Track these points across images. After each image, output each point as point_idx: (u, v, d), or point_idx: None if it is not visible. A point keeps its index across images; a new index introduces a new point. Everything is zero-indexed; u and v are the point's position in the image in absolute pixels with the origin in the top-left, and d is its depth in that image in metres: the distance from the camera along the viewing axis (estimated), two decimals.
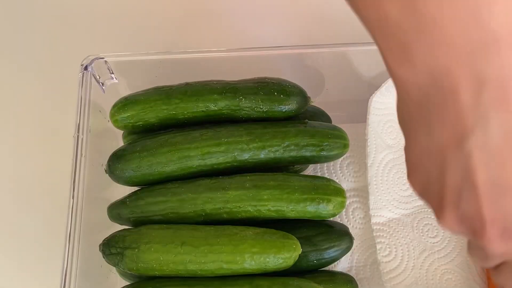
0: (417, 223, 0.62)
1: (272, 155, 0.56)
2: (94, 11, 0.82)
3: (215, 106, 0.57)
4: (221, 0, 0.82)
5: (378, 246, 0.60)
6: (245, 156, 0.55)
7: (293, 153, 0.56)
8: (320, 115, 0.65)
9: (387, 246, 0.61)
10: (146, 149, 0.56)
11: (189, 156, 0.55)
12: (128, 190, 0.59)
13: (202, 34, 0.79)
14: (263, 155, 0.56)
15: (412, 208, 0.63)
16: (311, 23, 0.79)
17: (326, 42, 0.63)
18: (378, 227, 0.61)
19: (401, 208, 0.62)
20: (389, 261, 0.60)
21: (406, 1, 0.24)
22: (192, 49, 0.62)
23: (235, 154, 0.55)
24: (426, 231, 0.62)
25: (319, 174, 0.67)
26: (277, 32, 0.80)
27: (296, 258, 0.52)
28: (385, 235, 0.61)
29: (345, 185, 0.67)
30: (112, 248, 0.53)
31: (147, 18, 0.81)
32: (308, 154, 0.56)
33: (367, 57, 0.65)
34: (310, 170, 0.67)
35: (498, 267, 0.30)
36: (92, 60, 0.61)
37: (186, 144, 0.55)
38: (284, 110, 0.58)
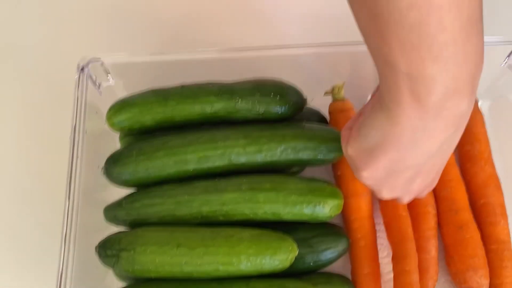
0: None
1: (268, 158, 0.55)
2: (91, 12, 0.82)
3: (211, 108, 0.57)
4: (217, 1, 0.82)
5: (377, 247, 0.60)
6: (242, 159, 0.55)
7: (290, 157, 0.56)
8: (317, 117, 0.64)
9: (385, 247, 0.61)
10: (142, 153, 0.56)
11: (185, 160, 0.55)
12: (124, 191, 0.59)
13: (198, 35, 0.79)
14: (259, 158, 0.55)
15: None
16: (307, 23, 0.79)
17: (323, 42, 0.63)
18: (378, 227, 0.61)
19: None
20: (387, 263, 0.60)
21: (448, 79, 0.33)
22: (189, 50, 0.62)
23: (232, 157, 0.55)
24: None
25: (317, 174, 0.67)
26: (273, 32, 0.79)
27: (293, 260, 0.52)
28: (383, 236, 0.61)
29: None
30: (108, 250, 0.53)
31: (143, 19, 0.81)
32: (305, 157, 0.56)
33: (364, 57, 0.65)
34: (307, 170, 0.66)
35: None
36: (89, 61, 0.60)
37: (182, 148, 0.55)
38: (280, 111, 0.57)
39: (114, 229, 0.57)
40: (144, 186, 0.57)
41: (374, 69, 0.65)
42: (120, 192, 0.60)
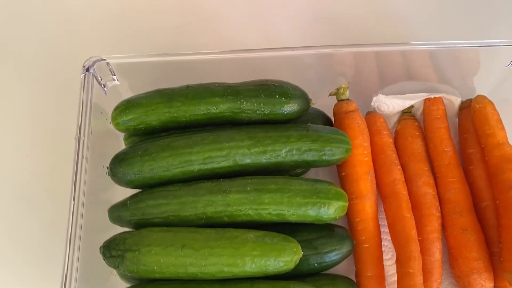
0: None
1: (273, 159, 0.55)
2: (96, 13, 0.82)
3: (216, 109, 0.57)
4: (223, 2, 0.82)
5: (382, 249, 0.60)
6: (247, 160, 0.55)
7: (294, 158, 0.56)
8: (322, 118, 0.64)
9: (390, 249, 0.61)
10: (147, 153, 0.56)
11: (190, 160, 0.55)
12: (129, 192, 0.59)
13: (204, 36, 0.79)
14: (264, 159, 0.55)
15: None
16: (312, 25, 0.79)
17: (328, 44, 0.63)
18: (382, 229, 0.61)
19: None
20: (391, 265, 0.60)
21: None
22: (193, 51, 0.62)
23: (236, 158, 0.55)
24: None
25: (320, 175, 0.67)
26: (278, 34, 0.79)
27: (297, 262, 0.52)
28: (387, 238, 0.61)
29: None
30: (112, 251, 0.53)
31: (148, 20, 0.81)
32: (309, 158, 0.56)
33: (369, 59, 0.65)
34: (311, 171, 0.66)
35: None
36: (94, 62, 0.60)
37: (187, 149, 0.55)
38: (285, 112, 0.57)
39: (118, 229, 0.57)
40: (149, 187, 0.57)
41: (378, 69, 0.65)
42: (124, 193, 0.60)
